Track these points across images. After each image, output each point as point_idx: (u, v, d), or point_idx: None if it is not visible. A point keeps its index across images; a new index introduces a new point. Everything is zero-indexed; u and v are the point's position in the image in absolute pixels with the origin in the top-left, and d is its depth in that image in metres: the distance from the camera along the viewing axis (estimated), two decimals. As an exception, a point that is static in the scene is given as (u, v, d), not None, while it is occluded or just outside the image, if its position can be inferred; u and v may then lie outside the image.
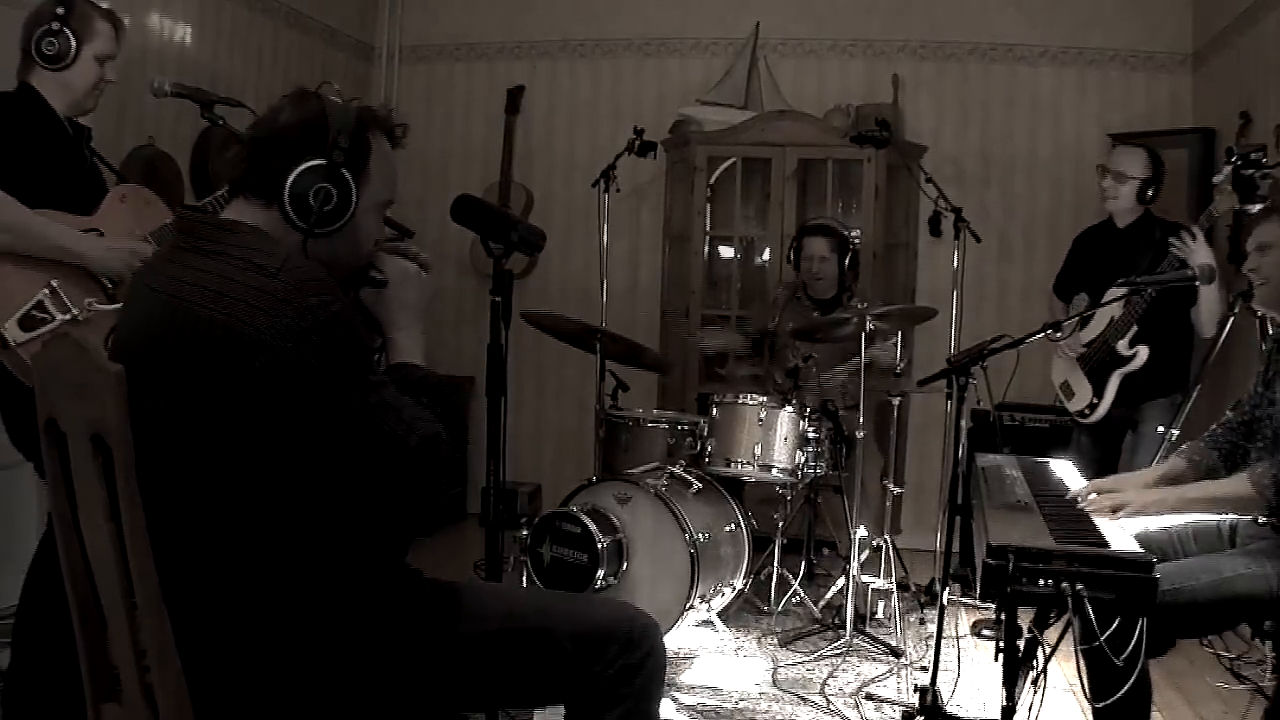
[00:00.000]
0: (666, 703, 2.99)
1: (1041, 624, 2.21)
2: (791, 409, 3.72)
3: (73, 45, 2.43)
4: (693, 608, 3.40)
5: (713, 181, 5.13)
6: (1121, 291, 3.37)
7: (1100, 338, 3.75)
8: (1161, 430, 3.54)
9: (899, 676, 3.33)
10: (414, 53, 5.76)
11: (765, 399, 3.79)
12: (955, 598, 3.98)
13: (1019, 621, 1.95)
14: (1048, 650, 2.08)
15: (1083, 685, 2.06)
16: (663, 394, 5.11)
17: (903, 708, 2.93)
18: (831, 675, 3.30)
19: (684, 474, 3.64)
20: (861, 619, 3.68)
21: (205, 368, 1.38)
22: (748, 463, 3.70)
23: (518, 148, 5.52)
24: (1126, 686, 1.87)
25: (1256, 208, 3.11)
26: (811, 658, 3.46)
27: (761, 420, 3.71)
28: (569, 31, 5.55)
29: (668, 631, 3.29)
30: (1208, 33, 4.78)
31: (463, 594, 1.63)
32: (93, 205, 2.47)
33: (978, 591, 3.54)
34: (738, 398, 3.80)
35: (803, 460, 3.72)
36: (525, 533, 3.44)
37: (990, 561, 1.80)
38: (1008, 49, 5.14)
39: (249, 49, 4.70)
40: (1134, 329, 3.67)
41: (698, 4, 5.43)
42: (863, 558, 3.72)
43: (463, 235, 4.23)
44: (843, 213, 5.01)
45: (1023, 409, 4.29)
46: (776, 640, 3.62)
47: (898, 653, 3.48)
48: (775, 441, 3.70)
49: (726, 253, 5.39)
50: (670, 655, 3.28)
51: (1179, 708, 3.09)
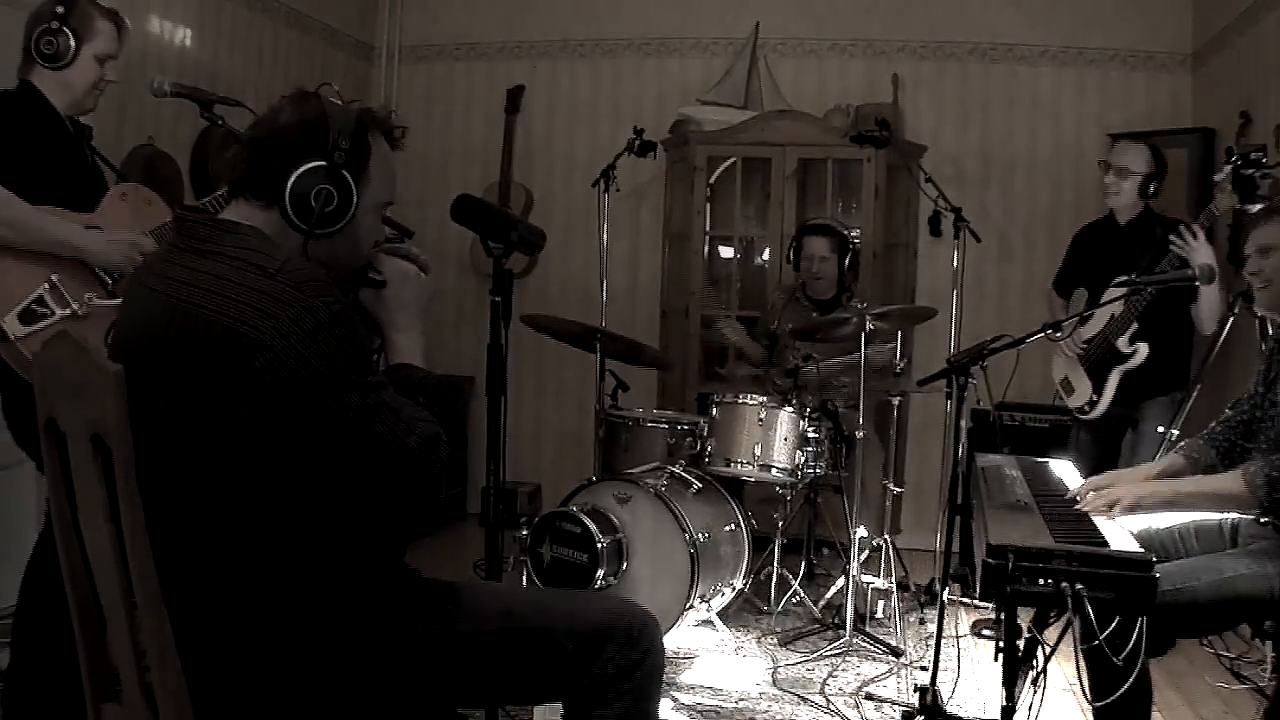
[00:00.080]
0: (666, 702, 2.99)
1: (1041, 624, 2.22)
2: (791, 409, 3.72)
3: (72, 44, 2.43)
4: (693, 607, 3.40)
5: (713, 181, 5.13)
6: (1121, 291, 3.37)
7: (1100, 335, 3.75)
8: (1161, 430, 3.54)
9: (899, 676, 3.33)
10: (414, 53, 5.76)
11: (765, 399, 3.79)
12: (955, 598, 3.98)
13: (1019, 621, 1.95)
14: (1048, 650, 2.08)
15: (1082, 685, 2.06)
16: (663, 394, 5.10)
17: (903, 708, 2.93)
18: (831, 675, 3.30)
19: (684, 474, 3.64)
20: (861, 619, 3.68)
21: (205, 368, 1.38)
22: (748, 463, 3.70)
23: (518, 148, 5.52)
24: (1126, 686, 1.87)
25: (1257, 208, 3.11)
26: (811, 658, 3.46)
27: (761, 420, 3.71)
28: (569, 31, 5.55)
29: (668, 631, 3.29)
30: (1208, 33, 4.78)
31: (461, 593, 1.63)
32: (93, 203, 2.47)
33: (978, 591, 3.54)
34: (738, 398, 3.80)
35: (803, 460, 3.72)
36: (525, 533, 3.44)
37: (990, 561, 1.80)
38: (1008, 49, 5.14)
39: (249, 49, 4.70)
40: (1134, 326, 3.67)
41: (698, 4, 5.43)
42: (863, 558, 3.72)
43: (463, 235, 4.22)
44: (843, 213, 5.01)
45: (1023, 409, 4.29)
46: (776, 640, 3.62)
47: (898, 653, 3.48)
48: (775, 441, 3.70)
49: (726, 253, 5.39)
50: (670, 655, 3.29)
51: (1179, 708, 3.09)
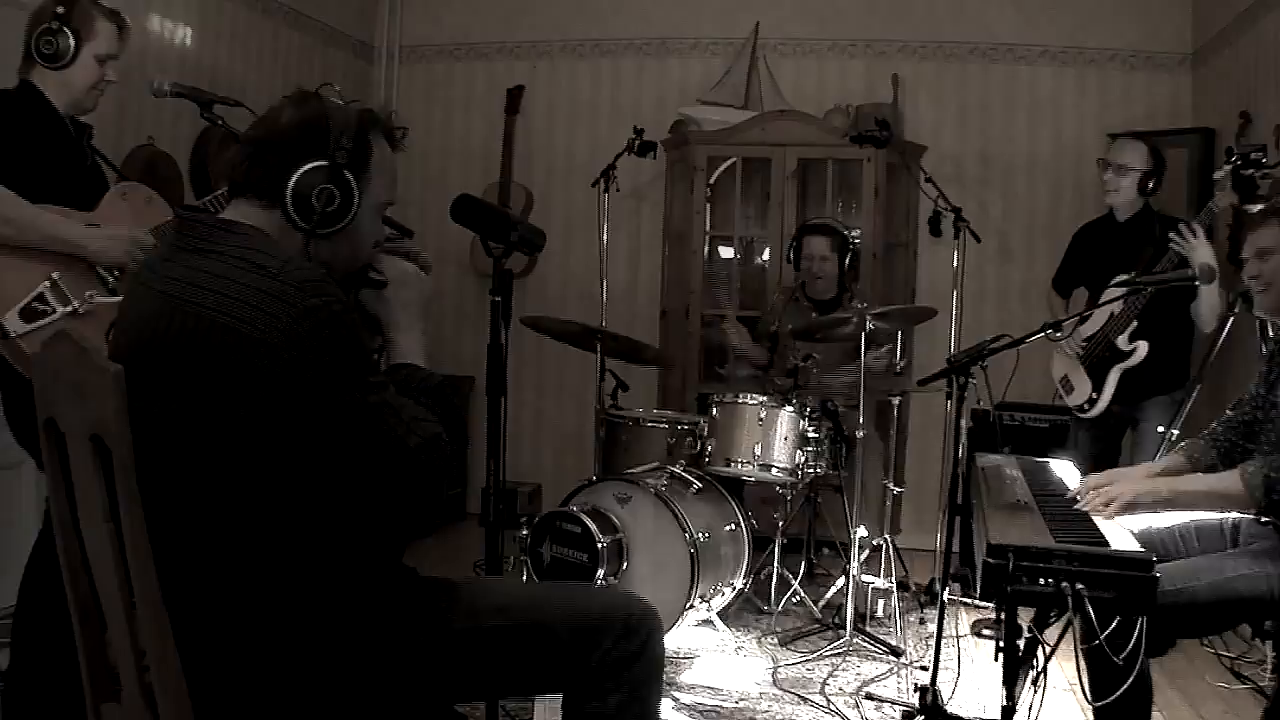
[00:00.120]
0: (666, 702, 2.99)
1: (1041, 624, 2.21)
2: (791, 409, 3.72)
3: (71, 44, 2.43)
4: (693, 607, 3.40)
5: (713, 181, 5.12)
6: (1120, 290, 3.37)
7: (1100, 333, 3.75)
8: (1161, 430, 3.54)
9: (899, 676, 3.33)
10: (414, 52, 5.76)
11: (765, 399, 3.79)
12: (955, 597, 3.98)
13: (1019, 621, 1.95)
14: (1048, 650, 2.08)
15: (1082, 685, 2.06)
16: (663, 394, 5.10)
17: (903, 707, 2.93)
18: (831, 675, 3.30)
19: (684, 474, 3.64)
20: (861, 619, 3.68)
21: (206, 368, 1.37)
22: (748, 462, 3.70)
23: (518, 148, 5.52)
24: (1126, 686, 1.87)
25: (1257, 208, 3.11)
26: (811, 657, 3.46)
27: (761, 420, 3.71)
28: (569, 31, 5.55)
29: (668, 631, 3.29)
30: (1207, 33, 4.78)
31: (458, 589, 1.63)
32: (93, 202, 2.47)
33: (978, 591, 3.52)
34: (738, 397, 3.80)
35: (803, 460, 3.72)
36: (525, 532, 3.44)
37: (990, 561, 1.80)
38: (1008, 49, 5.14)
39: (249, 49, 4.70)
40: (1133, 324, 3.67)
41: (698, 4, 5.43)
42: (863, 558, 3.72)
43: (463, 235, 4.22)
44: (843, 213, 5.01)
45: (1023, 409, 4.28)
46: (776, 640, 3.62)
47: (898, 652, 3.48)
48: (775, 441, 3.70)
49: (726, 253, 5.39)
50: (670, 655, 3.29)
51: (1179, 708, 3.09)
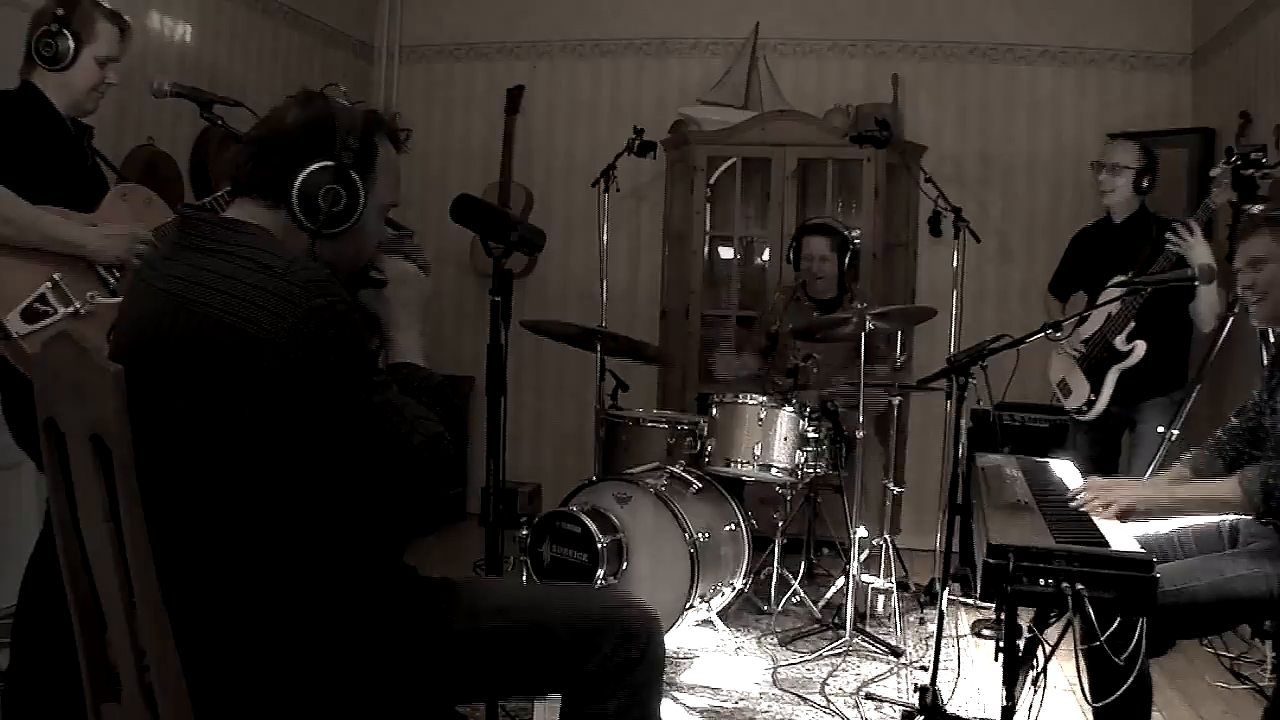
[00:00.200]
0: (666, 702, 2.99)
1: (1041, 624, 2.21)
2: (791, 409, 3.72)
3: (71, 46, 2.42)
4: (693, 607, 3.40)
5: (712, 181, 5.13)
6: (1119, 290, 3.37)
7: (1098, 334, 3.75)
8: (1161, 430, 3.54)
9: (899, 676, 3.33)
10: (414, 53, 5.76)
11: (765, 399, 3.79)
12: (955, 597, 3.98)
13: (1019, 621, 1.95)
14: (1048, 650, 2.08)
15: (1082, 685, 2.06)
16: (663, 394, 5.10)
17: (903, 707, 2.93)
18: (831, 675, 3.30)
19: (684, 474, 3.64)
20: (861, 619, 3.68)
21: (211, 367, 1.37)
22: (747, 462, 3.70)
23: (518, 148, 5.52)
24: (1126, 686, 1.87)
25: (1257, 208, 3.11)
26: (811, 657, 3.46)
27: (761, 420, 3.71)
28: (569, 31, 5.55)
29: (668, 631, 3.29)
30: (1207, 33, 4.78)
31: (458, 589, 1.63)
32: (94, 204, 2.47)
33: (978, 591, 3.53)
34: (738, 398, 3.79)
35: (802, 460, 3.72)
36: (525, 532, 3.44)
37: (990, 561, 1.80)
38: (1008, 49, 5.14)
39: (249, 49, 4.70)
40: (1131, 324, 3.67)
41: (698, 4, 5.43)
42: (863, 558, 3.71)
43: (463, 235, 4.22)
44: (843, 213, 5.01)
45: (1023, 409, 4.28)
46: (776, 640, 3.62)
47: (898, 652, 3.48)
48: (775, 441, 3.70)
49: (726, 253, 5.39)
50: (670, 655, 3.29)
51: (1179, 708, 3.09)
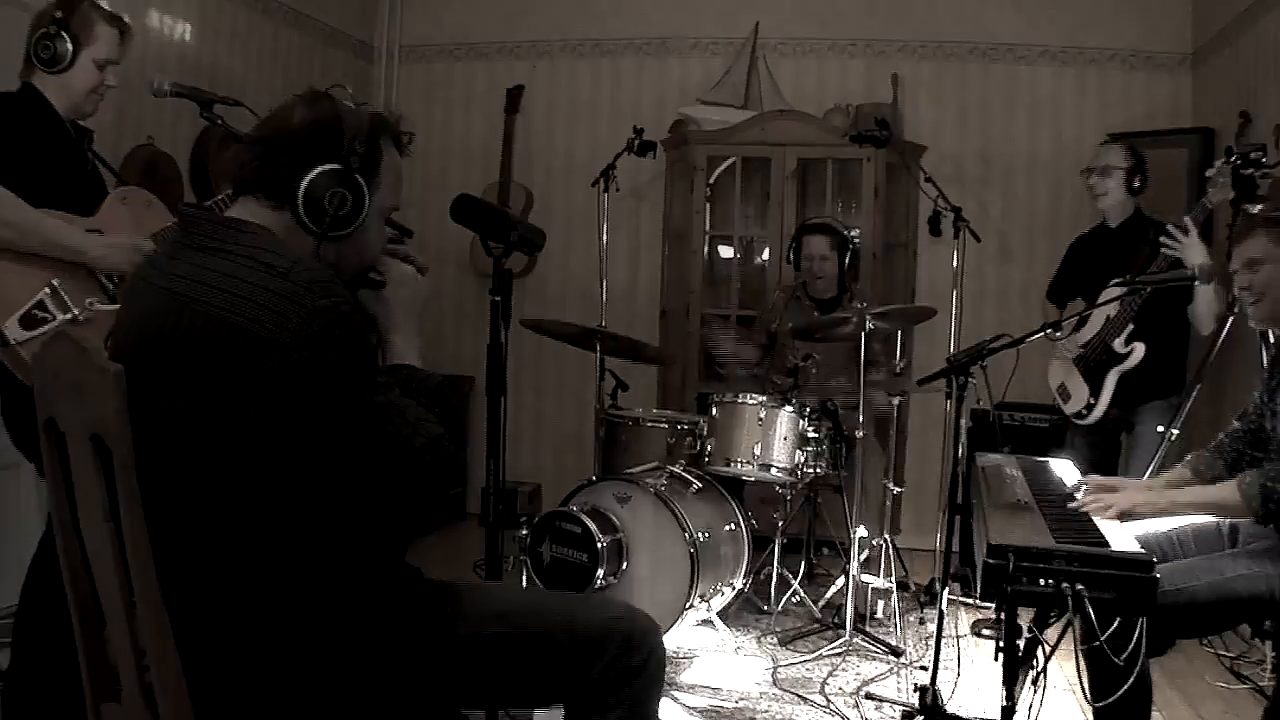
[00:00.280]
0: (666, 702, 2.99)
1: (1041, 624, 2.21)
2: (791, 408, 3.72)
3: (70, 49, 2.42)
4: (692, 607, 3.40)
5: (712, 181, 5.13)
6: (1119, 291, 3.37)
7: (1097, 337, 3.75)
8: (1161, 430, 3.54)
9: (899, 676, 3.33)
10: (414, 52, 5.76)
11: (765, 399, 3.79)
12: (955, 597, 3.98)
13: (1019, 621, 1.95)
14: (1048, 650, 2.09)
15: (1083, 685, 2.06)
16: (663, 393, 5.11)
17: (903, 707, 2.93)
18: (831, 675, 3.30)
19: (684, 474, 3.64)
20: (861, 619, 3.68)
21: (214, 366, 1.37)
22: (747, 462, 3.70)
23: (518, 148, 5.52)
24: (1126, 686, 1.87)
25: (1257, 208, 3.10)
26: (811, 657, 3.46)
27: (761, 420, 3.71)
28: (569, 31, 5.55)
29: (667, 631, 3.29)
30: (1207, 33, 4.78)
31: (461, 594, 1.63)
32: (93, 207, 2.46)
33: (978, 591, 3.53)
34: (737, 397, 3.79)
35: (802, 460, 3.72)
36: (525, 532, 3.44)
37: (990, 561, 1.80)
38: (1008, 49, 5.14)
39: (249, 49, 4.70)
40: (1130, 327, 3.67)
41: (698, 4, 5.43)
42: (863, 558, 3.72)
43: (463, 235, 4.22)
44: (842, 212, 5.01)
45: (1023, 408, 4.29)
46: (776, 640, 3.62)
47: (898, 652, 3.48)
48: (775, 441, 3.70)
49: (726, 252, 5.39)
50: (670, 655, 3.29)
51: (1179, 708, 3.09)
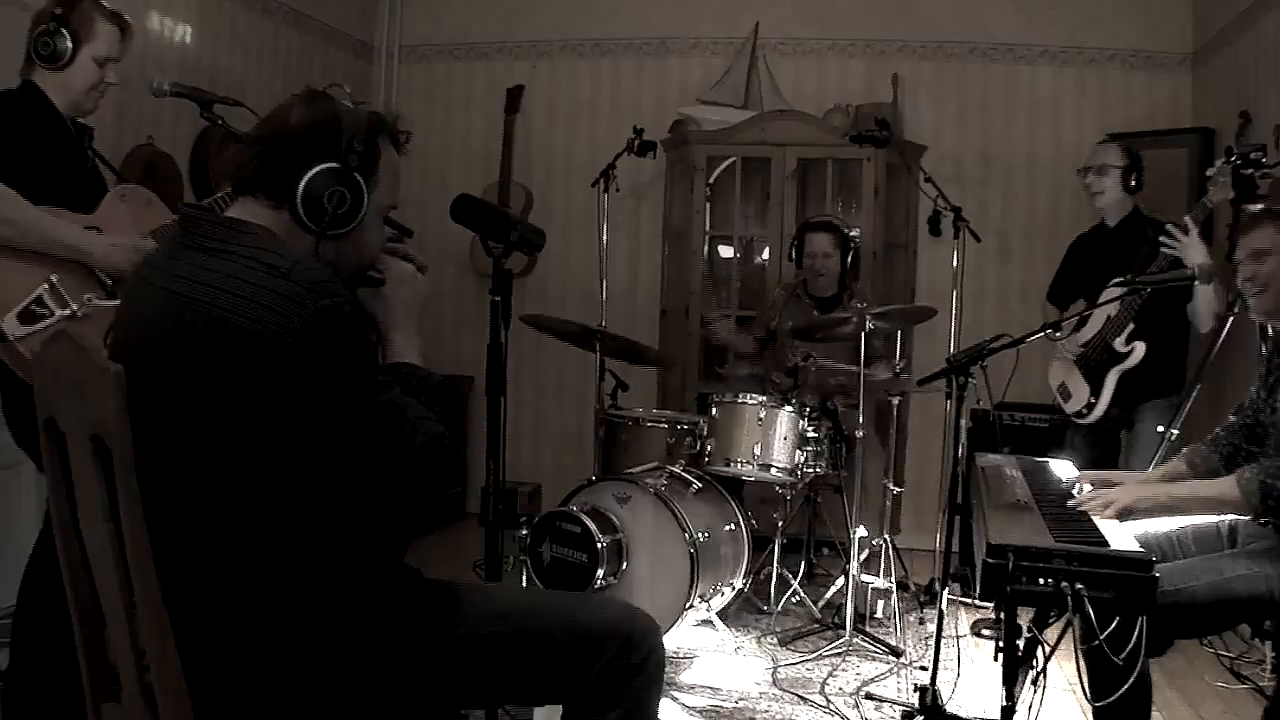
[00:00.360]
0: (666, 702, 2.99)
1: (1041, 623, 2.21)
2: (791, 408, 3.72)
3: (69, 45, 2.42)
4: (692, 607, 3.40)
5: (712, 181, 5.13)
6: (1119, 291, 3.37)
7: (1097, 336, 3.75)
8: (1161, 430, 3.54)
9: (899, 676, 3.33)
10: (414, 52, 5.76)
11: (765, 398, 3.79)
12: (955, 597, 3.98)
13: (1019, 621, 1.95)
14: (1048, 650, 2.09)
15: (1083, 685, 2.06)
16: (663, 394, 5.10)
17: (903, 707, 2.93)
18: (831, 675, 3.30)
19: (684, 474, 3.64)
20: (861, 619, 3.68)
21: (215, 367, 1.37)
22: (747, 462, 3.70)
23: (518, 148, 5.52)
24: (1126, 686, 1.87)
25: (1256, 207, 3.10)
26: (811, 657, 3.46)
27: (761, 420, 3.70)
28: (569, 31, 5.55)
29: (667, 631, 3.29)
30: (1207, 33, 4.78)
31: (461, 593, 1.63)
32: (93, 205, 2.46)
33: (978, 591, 3.53)
34: (737, 397, 3.79)
35: (802, 460, 3.72)
36: (525, 532, 3.44)
37: (990, 561, 1.80)
38: (1008, 49, 5.14)
39: (249, 49, 4.70)
40: (1130, 326, 3.67)
41: (698, 4, 5.43)
42: (863, 558, 3.71)
43: (463, 235, 4.22)
44: (842, 212, 5.01)
45: (1022, 409, 4.29)
46: (776, 640, 3.62)
47: (898, 652, 3.48)
48: (775, 441, 3.70)
49: (726, 252, 5.39)
50: (670, 655, 3.29)
51: (1179, 708, 3.09)
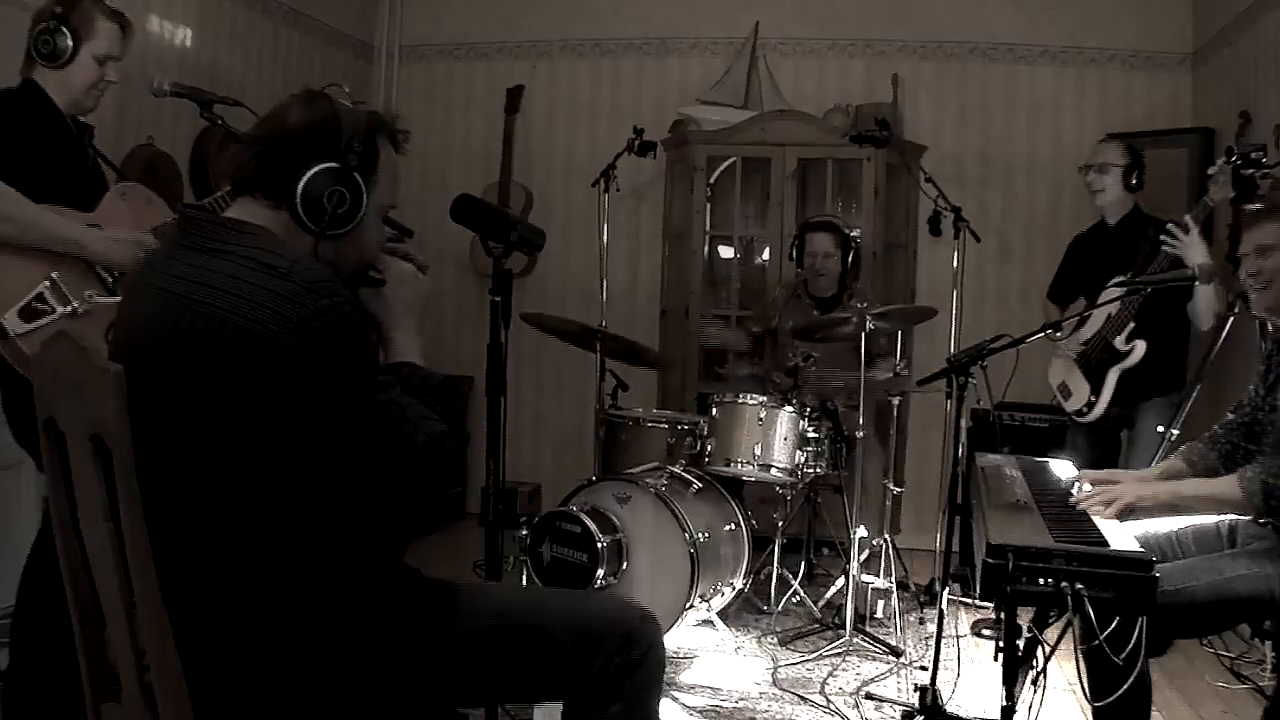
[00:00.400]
0: (666, 702, 2.99)
1: (1041, 623, 2.21)
2: (791, 408, 3.72)
3: (69, 44, 2.42)
4: (692, 607, 3.40)
5: (712, 181, 5.13)
6: (1119, 291, 3.37)
7: (1098, 335, 3.75)
8: (1161, 430, 3.54)
9: (899, 676, 3.33)
10: (414, 52, 5.76)
11: (765, 399, 3.78)
12: (955, 597, 3.98)
13: (1019, 621, 1.95)
14: (1048, 650, 2.08)
15: (1082, 685, 2.06)
16: (663, 394, 5.10)
17: (903, 707, 2.93)
18: (831, 675, 3.30)
19: (684, 474, 3.64)
20: (861, 619, 3.68)
21: (215, 367, 1.37)
22: (747, 462, 3.70)
23: (518, 148, 5.52)
24: (1126, 686, 1.87)
25: (1255, 207, 3.10)
26: (811, 657, 3.46)
27: (761, 420, 3.70)
28: (569, 31, 5.55)
29: (667, 631, 3.29)
30: (1207, 33, 4.78)
31: (460, 592, 1.63)
32: (93, 203, 2.47)
33: (977, 591, 3.53)
34: (738, 397, 3.79)
35: (802, 460, 3.72)
36: (525, 532, 3.44)
37: (990, 561, 1.80)
38: (1008, 49, 5.14)
39: (249, 49, 4.70)
40: (1131, 325, 3.67)
41: (698, 4, 5.43)
42: (863, 558, 3.71)
43: (463, 235, 4.22)
44: (842, 212, 5.01)
45: (1022, 409, 4.28)
46: (776, 640, 3.62)
47: (898, 652, 3.48)
48: (775, 441, 3.70)
49: (726, 252, 5.39)
50: (670, 655, 3.29)
51: (1179, 708, 3.09)
